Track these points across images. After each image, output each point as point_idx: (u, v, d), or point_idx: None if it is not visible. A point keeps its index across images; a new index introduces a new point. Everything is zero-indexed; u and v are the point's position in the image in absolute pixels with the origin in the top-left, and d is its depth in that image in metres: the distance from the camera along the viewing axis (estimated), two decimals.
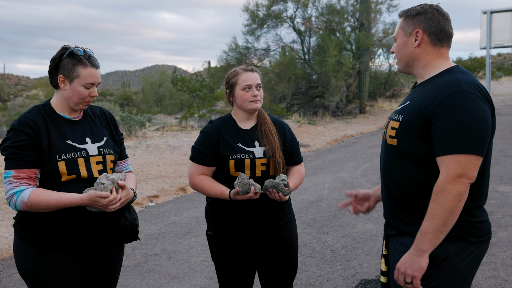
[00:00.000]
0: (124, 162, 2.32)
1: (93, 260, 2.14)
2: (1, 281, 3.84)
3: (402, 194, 1.79)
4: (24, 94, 47.00)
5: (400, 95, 24.37)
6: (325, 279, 3.66)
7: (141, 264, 4.10)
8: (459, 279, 1.73)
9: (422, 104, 1.71)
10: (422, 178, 1.73)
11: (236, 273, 2.37)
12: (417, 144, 1.72)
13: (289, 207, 2.45)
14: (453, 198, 1.60)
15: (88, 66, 2.01)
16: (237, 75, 2.35)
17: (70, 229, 2.01)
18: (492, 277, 3.58)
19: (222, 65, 18.78)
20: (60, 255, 2.02)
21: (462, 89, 1.65)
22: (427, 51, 1.82)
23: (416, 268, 1.66)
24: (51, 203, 1.92)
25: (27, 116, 2.00)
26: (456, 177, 1.60)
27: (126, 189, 2.04)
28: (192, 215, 5.62)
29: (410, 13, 1.83)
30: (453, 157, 1.61)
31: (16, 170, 1.94)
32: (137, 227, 2.21)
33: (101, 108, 2.28)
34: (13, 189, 1.93)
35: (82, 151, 2.04)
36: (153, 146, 9.79)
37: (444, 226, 1.62)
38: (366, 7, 17.64)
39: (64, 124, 2.06)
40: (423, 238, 1.64)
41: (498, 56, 68.95)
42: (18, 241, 2.05)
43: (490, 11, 15.84)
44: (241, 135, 2.35)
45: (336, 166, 8.55)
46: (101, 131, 2.17)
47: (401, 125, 1.77)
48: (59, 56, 2.03)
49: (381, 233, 4.69)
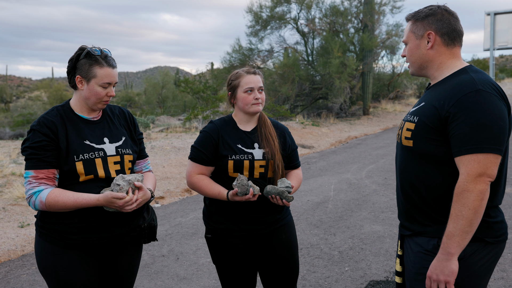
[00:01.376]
0: (144, 162, 2.32)
1: (111, 260, 2.15)
2: (9, 282, 3.84)
3: (419, 195, 1.79)
4: (27, 95, 47.17)
5: (403, 96, 24.35)
6: (334, 280, 3.65)
7: (149, 265, 4.10)
8: (476, 279, 1.73)
9: (438, 105, 1.70)
10: (440, 179, 1.73)
11: (237, 274, 2.36)
12: (433, 145, 1.72)
13: (286, 209, 2.45)
14: (476, 197, 1.59)
15: (104, 66, 2.03)
16: (240, 77, 2.35)
17: (87, 228, 2.03)
18: (502, 278, 3.57)
19: (225, 66, 18.78)
20: (78, 253, 2.05)
21: (478, 88, 1.65)
22: (440, 52, 1.81)
23: (448, 273, 1.65)
24: (68, 203, 1.94)
25: (46, 117, 2.03)
26: (477, 176, 1.60)
27: (143, 190, 2.05)
28: (198, 216, 5.62)
29: (419, 16, 1.83)
30: (473, 157, 1.61)
31: (35, 170, 1.96)
32: (155, 228, 2.22)
33: (120, 108, 2.28)
34: (32, 189, 1.96)
35: (100, 151, 2.06)
36: (158, 147, 9.80)
37: (470, 226, 1.61)
38: (370, 9, 17.63)
39: (82, 125, 2.08)
40: (450, 241, 1.63)
41: (501, 58, 68.83)
42: (39, 239, 2.09)
43: (494, 13, 15.80)
44: (241, 136, 2.35)
45: (341, 168, 8.54)
46: (119, 131, 2.17)
47: (417, 126, 1.76)
48: (76, 57, 2.05)
49: (388, 234, 4.68)
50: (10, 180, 6.89)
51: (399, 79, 22.17)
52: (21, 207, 5.83)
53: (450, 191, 1.70)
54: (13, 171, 7.29)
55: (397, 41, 18.72)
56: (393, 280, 3.61)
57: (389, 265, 3.90)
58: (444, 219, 1.71)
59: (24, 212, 5.70)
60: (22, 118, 23.06)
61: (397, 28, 18.48)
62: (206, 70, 24.71)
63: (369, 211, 5.58)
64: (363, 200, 6.12)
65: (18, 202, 5.98)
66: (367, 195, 6.35)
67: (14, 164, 8.01)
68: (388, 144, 11.50)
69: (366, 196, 6.30)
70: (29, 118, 22.40)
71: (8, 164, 7.85)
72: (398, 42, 18.84)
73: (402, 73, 21.99)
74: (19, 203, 5.94)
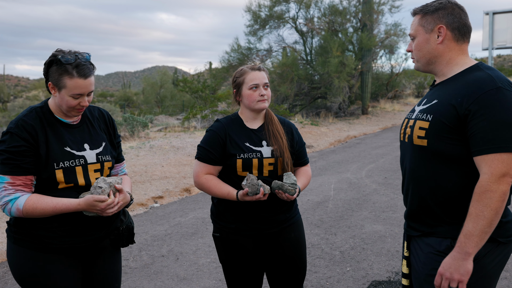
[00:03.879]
0: (120, 166, 2.26)
1: (91, 264, 2.08)
2: (6, 283, 3.80)
3: (432, 196, 1.73)
4: (24, 95, 46.95)
5: (401, 96, 24.36)
6: (336, 280, 3.61)
7: (149, 266, 4.06)
8: (488, 280, 1.70)
9: (455, 102, 1.65)
10: (455, 180, 1.68)
11: (244, 274, 2.33)
12: (449, 144, 1.66)
13: (295, 208, 2.42)
14: (498, 198, 1.56)
15: (74, 77, 1.87)
16: (244, 74, 2.32)
17: (67, 231, 1.95)
18: (505, 278, 3.54)
19: (224, 66, 18.75)
20: (59, 257, 1.96)
21: (498, 86, 1.60)
22: (450, 47, 1.76)
23: (463, 272, 1.61)
24: (47, 209, 1.85)
25: (25, 120, 1.89)
26: (500, 176, 1.56)
27: (123, 193, 1.99)
28: (198, 216, 5.58)
29: (429, 9, 1.77)
30: (496, 156, 1.56)
31: (11, 176, 1.85)
32: (132, 230, 2.17)
33: (99, 109, 2.19)
34: (7, 196, 1.85)
35: (81, 158, 1.96)
36: (157, 146, 9.75)
37: (489, 227, 1.57)
38: (369, 8, 17.62)
39: (62, 129, 1.97)
40: (468, 241, 1.59)
41: (498, 57, 68.92)
42: (13, 246, 1.96)
43: (493, 12, 15.79)
44: (248, 134, 2.31)
45: (340, 167, 8.51)
46: (99, 136, 2.09)
47: (432, 124, 1.70)
48: (49, 63, 1.92)
49: (389, 234, 4.65)
50: None
51: (398, 79, 22.20)
52: None
53: (465, 191, 1.66)
54: None
55: (395, 40, 18.72)
56: (395, 280, 3.57)
57: (391, 265, 3.87)
58: (457, 220, 1.68)
59: None
60: None
61: (396, 27, 18.48)
62: (205, 70, 24.65)
63: (369, 210, 5.54)
64: (363, 199, 6.09)
65: None
66: (368, 195, 6.32)
67: None
68: (387, 144, 11.48)
69: (367, 196, 6.27)
70: None
71: None
72: (397, 41, 18.84)
73: (400, 72, 22.01)
74: None
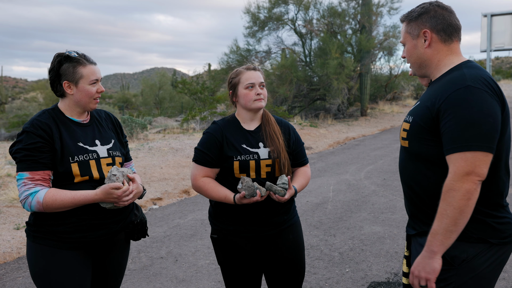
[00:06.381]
0: (129, 164, 2.35)
1: (102, 258, 2.17)
2: (4, 285, 3.78)
3: (417, 195, 1.78)
4: (22, 96, 46.86)
5: (400, 97, 24.37)
6: (335, 282, 3.61)
7: (147, 267, 4.05)
8: (482, 281, 1.69)
9: (430, 104, 1.69)
10: (434, 179, 1.71)
11: (242, 276, 2.33)
12: (426, 145, 1.70)
13: (293, 210, 2.41)
14: (462, 196, 1.56)
15: (87, 64, 2.06)
16: (240, 74, 2.32)
17: (85, 226, 2.03)
18: (503, 279, 3.54)
19: (223, 67, 18.74)
20: (72, 254, 2.04)
21: (467, 84, 1.61)
22: (438, 49, 1.78)
23: (429, 271, 1.63)
24: (66, 201, 1.93)
25: (39, 119, 2.02)
26: (464, 175, 1.56)
27: (136, 182, 2.09)
28: (197, 218, 5.57)
29: (412, 16, 1.81)
30: (460, 155, 1.57)
31: (30, 172, 1.94)
32: (146, 224, 2.26)
33: (106, 112, 2.31)
34: (27, 190, 1.94)
35: (93, 153, 2.08)
36: (156, 148, 9.74)
37: (454, 226, 1.57)
38: (367, 10, 17.64)
39: (74, 127, 2.10)
40: (434, 239, 1.61)
41: (496, 59, 69.09)
42: (31, 244, 2.04)
43: (491, 14, 15.84)
44: (245, 136, 2.30)
45: (339, 168, 8.51)
46: (108, 134, 2.21)
47: (411, 126, 1.76)
48: (57, 64, 2.06)
49: (388, 235, 4.65)
50: (5, 181, 6.81)
51: (397, 80, 22.20)
52: (16, 209, 5.76)
53: None
54: (9, 173, 7.21)
55: (394, 42, 18.74)
56: (394, 282, 3.57)
57: (390, 266, 3.87)
58: None
59: (20, 214, 5.63)
60: (18, 119, 22.88)
61: (395, 29, 18.50)
62: (204, 71, 24.65)
63: (368, 212, 5.54)
64: (362, 201, 6.09)
65: (13, 203, 5.91)
66: (367, 196, 6.32)
67: (10, 165, 7.91)
68: (386, 145, 11.49)
69: (366, 197, 6.26)
70: (25, 119, 22.22)
71: (3, 166, 7.76)
72: (396, 43, 18.86)
73: (399, 74, 22.03)
74: (15, 205, 5.87)
